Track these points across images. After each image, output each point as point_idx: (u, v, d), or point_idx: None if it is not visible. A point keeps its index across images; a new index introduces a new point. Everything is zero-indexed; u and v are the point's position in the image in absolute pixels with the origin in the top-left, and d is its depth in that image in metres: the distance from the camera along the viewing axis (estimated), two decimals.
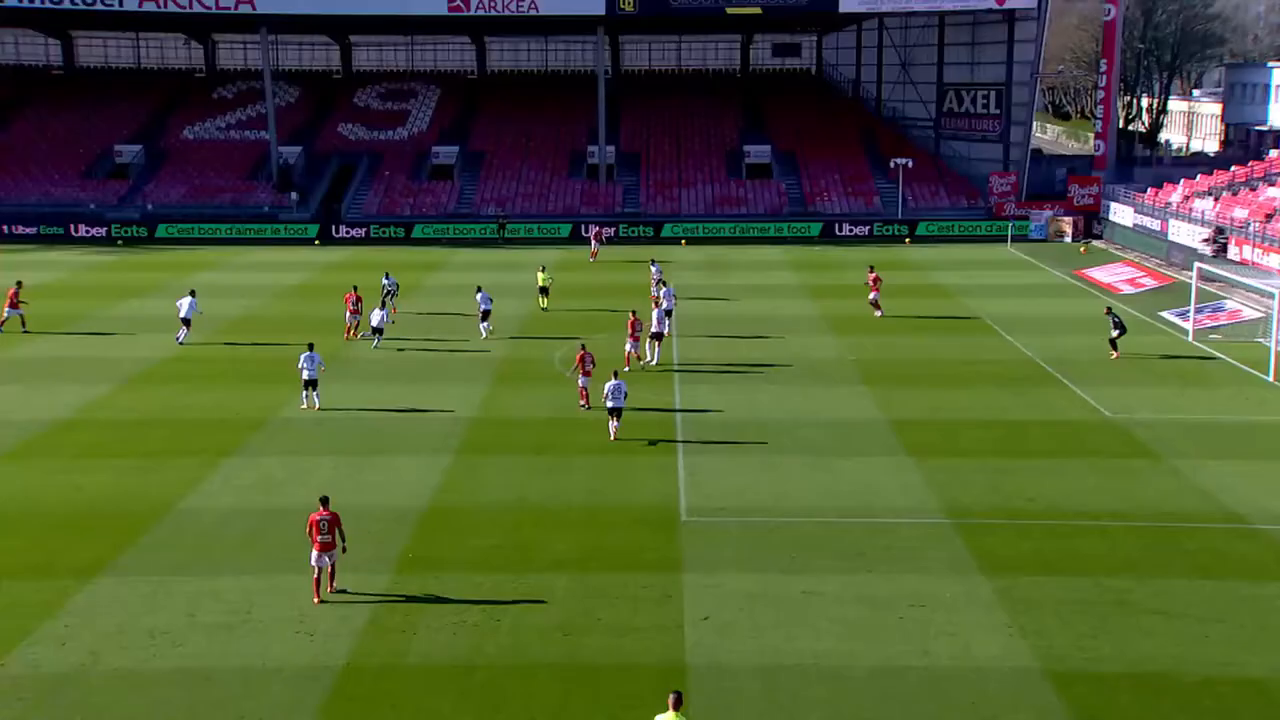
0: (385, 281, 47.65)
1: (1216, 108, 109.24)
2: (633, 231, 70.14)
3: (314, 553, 21.19)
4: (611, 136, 77.86)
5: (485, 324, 42.52)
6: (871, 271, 46.34)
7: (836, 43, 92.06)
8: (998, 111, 74.85)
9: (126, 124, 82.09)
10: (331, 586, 21.49)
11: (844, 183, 74.92)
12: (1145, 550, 22.84)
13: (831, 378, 36.85)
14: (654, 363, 38.08)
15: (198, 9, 70.60)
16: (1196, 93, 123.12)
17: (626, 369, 36.85)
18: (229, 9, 70.52)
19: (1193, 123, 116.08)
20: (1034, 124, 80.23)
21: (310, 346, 33.98)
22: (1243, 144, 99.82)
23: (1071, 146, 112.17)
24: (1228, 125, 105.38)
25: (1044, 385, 35.69)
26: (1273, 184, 59.38)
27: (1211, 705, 17.32)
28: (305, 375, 33.26)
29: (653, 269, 49.65)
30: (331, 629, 20.05)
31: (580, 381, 33.20)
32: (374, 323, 41.57)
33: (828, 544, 23.35)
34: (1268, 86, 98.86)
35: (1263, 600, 20.45)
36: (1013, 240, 66.60)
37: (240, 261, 61.97)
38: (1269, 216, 54.15)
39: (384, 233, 70.32)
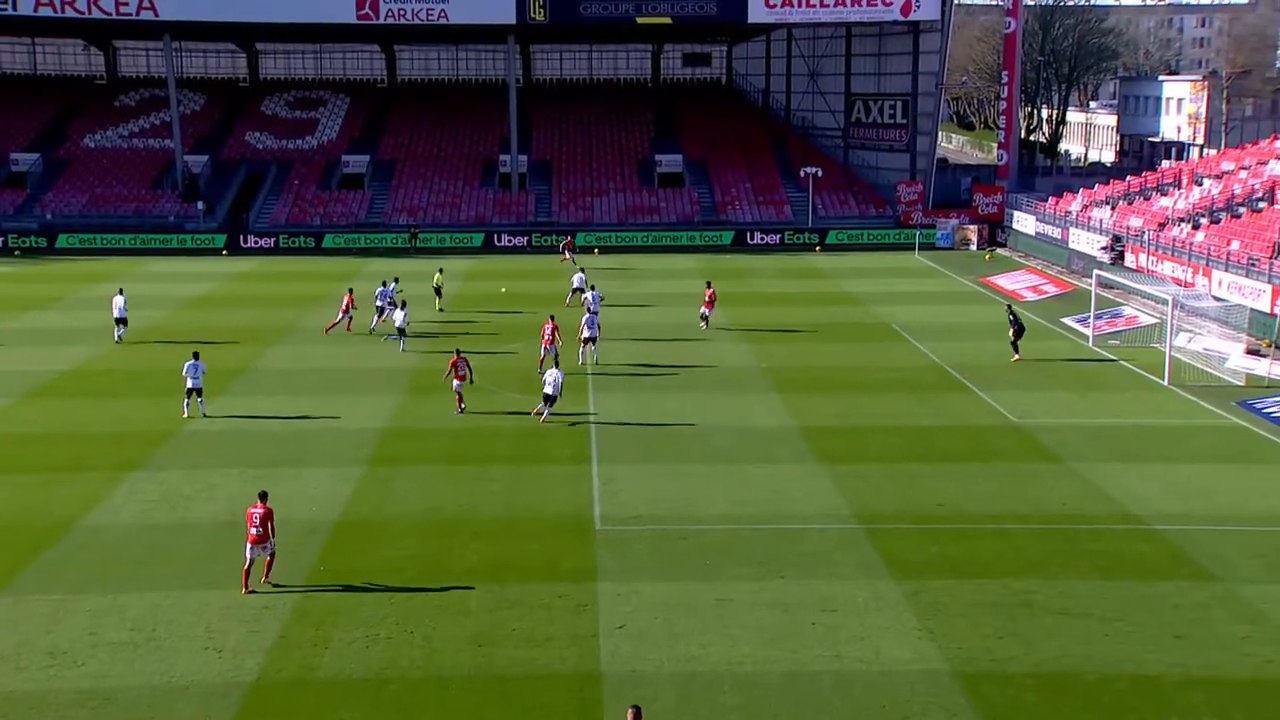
0: (381, 289, 46.97)
1: (1112, 119, 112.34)
2: (545, 240, 69.99)
3: (247, 545, 21.52)
4: (523, 146, 77.71)
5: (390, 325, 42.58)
6: (709, 287, 45.97)
7: (746, 52, 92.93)
8: (904, 121, 76.13)
9: (22, 132, 79.89)
10: (265, 577, 21.72)
11: (755, 191, 75.60)
12: (1049, 552, 23.34)
13: (743, 385, 37.09)
14: (584, 364, 38.33)
15: (97, 15, 69.00)
16: (1093, 104, 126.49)
17: (541, 369, 36.96)
18: (130, 15, 69.01)
19: (1090, 133, 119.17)
20: (939, 134, 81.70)
21: (195, 355, 33.59)
22: (1137, 154, 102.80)
23: (976, 156, 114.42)
24: (1123, 136, 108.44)
25: (951, 391, 36.32)
26: (1165, 194, 61.18)
27: (1110, 701, 17.76)
28: (189, 383, 32.95)
29: (574, 278, 50.20)
30: (240, 645, 19.68)
31: (455, 386, 33.60)
32: (398, 323, 41.84)
33: (741, 551, 23.50)
34: (1158, 99, 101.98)
35: (1158, 599, 21.02)
36: (920, 248, 67.75)
37: (145, 272, 60.63)
38: (1162, 225, 55.77)
39: (293, 243, 69.33)
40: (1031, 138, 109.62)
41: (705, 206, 74.24)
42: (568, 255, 61.84)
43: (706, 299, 45.23)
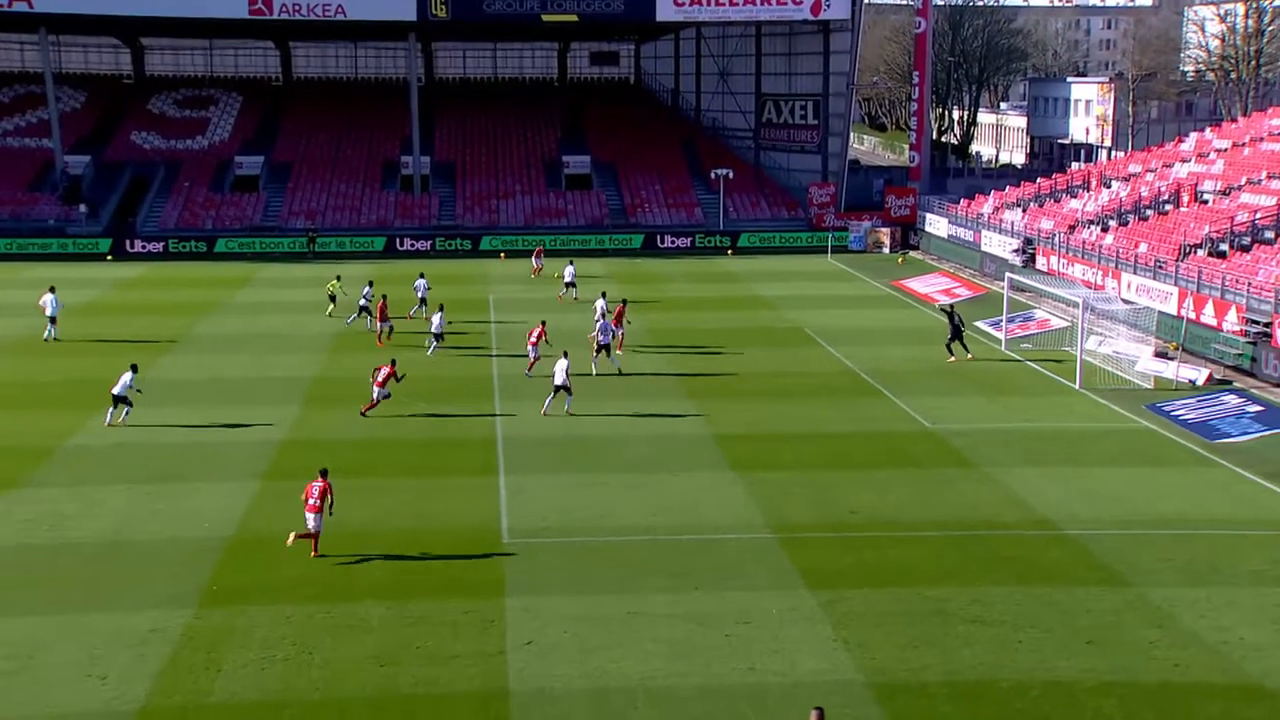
0: (366, 289, 47.30)
1: (1022, 121, 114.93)
2: (449, 245, 69.59)
3: (309, 515, 23.62)
4: (426, 147, 77.15)
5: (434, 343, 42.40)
6: (623, 304, 44.61)
7: (655, 51, 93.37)
8: (816, 122, 77.08)
9: None
10: (314, 553, 23.63)
11: (665, 194, 75.95)
12: (963, 559, 23.77)
13: (654, 392, 37.21)
14: (597, 372, 38.72)
15: None
16: (1004, 106, 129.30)
17: (529, 373, 38.53)
18: (3, 7, 67.07)
19: (1001, 135, 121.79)
20: (851, 135, 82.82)
21: (133, 367, 33.58)
22: (1047, 156, 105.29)
23: (888, 158, 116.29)
24: (1033, 138, 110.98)
25: (865, 396, 36.82)
26: (1075, 196, 62.73)
27: (1023, 709, 18.13)
28: (114, 390, 32.61)
29: (565, 271, 53.16)
30: (126, 670, 19.21)
31: (375, 394, 33.76)
32: (433, 328, 42.02)
33: (653, 562, 23.55)
34: (1067, 101, 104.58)
35: (1069, 604, 21.52)
36: (833, 251, 68.60)
37: (23, 279, 58.95)
38: (1072, 228, 57.18)
39: (184, 247, 68.00)
40: (943, 139, 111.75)
41: (614, 209, 74.37)
42: (538, 264, 61.82)
43: (616, 313, 42.71)
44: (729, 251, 69.66)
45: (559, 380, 34.12)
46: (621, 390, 37.53)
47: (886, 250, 69.76)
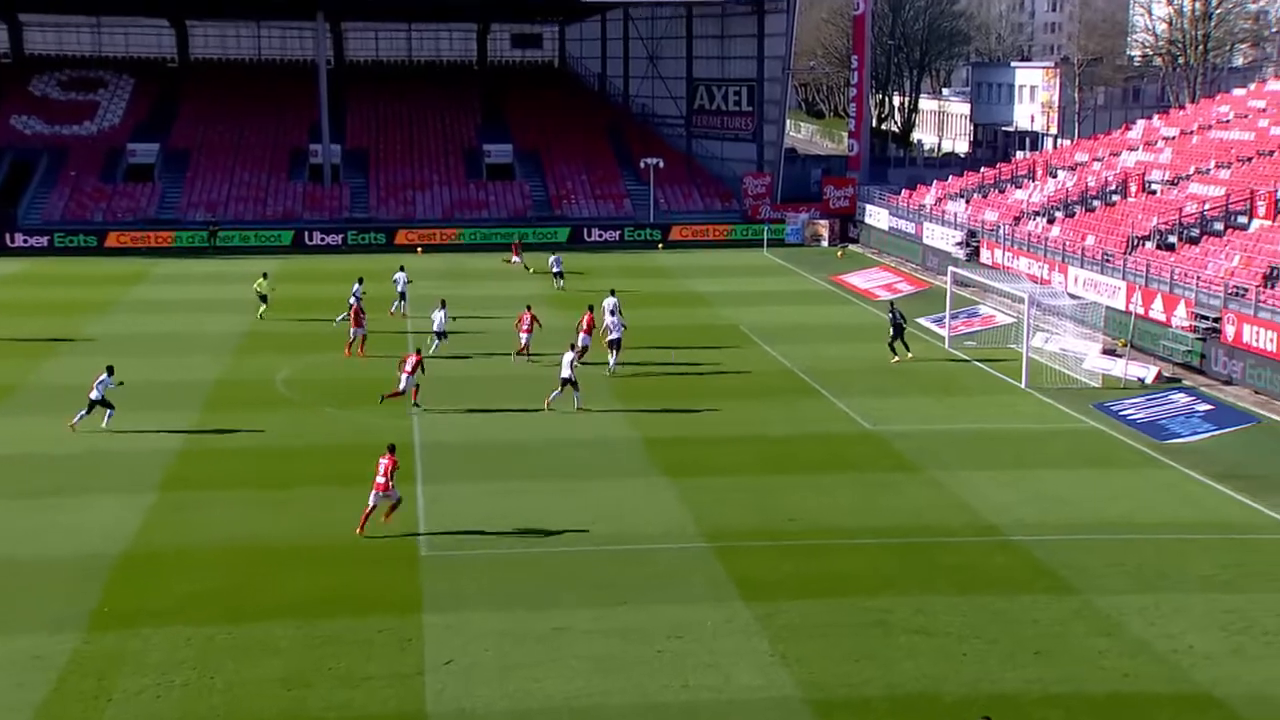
0: (356, 287, 46.94)
1: (965, 107, 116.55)
2: (363, 239, 69.05)
3: (372, 492, 25.35)
4: (336, 134, 76.41)
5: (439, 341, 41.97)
6: (528, 309, 44.78)
7: (580, 34, 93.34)
8: (750, 108, 77.54)
9: None
10: (386, 518, 25.69)
11: (592, 184, 75.97)
12: (905, 567, 24.05)
13: (582, 394, 37.17)
14: (614, 371, 38.98)
15: None
16: (946, 92, 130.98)
17: (516, 358, 40.27)
18: None
19: (943, 122, 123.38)
20: (787, 122, 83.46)
21: (109, 370, 32.98)
22: (991, 145, 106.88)
23: (826, 146, 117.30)
24: (976, 125, 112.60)
25: (804, 397, 37.12)
26: (1020, 186, 63.75)
27: None
28: (91, 395, 32.37)
29: (551, 261, 55.43)
30: (7, 701, 18.83)
31: (402, 382, 34.40)
32: (435, 327, 41.69)
33: (579, 575, 23.57)
34: (1011, 86, 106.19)
35: (1015, 613, 21.88)
36: (769, 245, 69.05)
37: None
38: (1017, 219, 58.09)
39: (71, 241, 66.77)
40: (883, 127, 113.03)
41: (538, 200, 74.27)
42: (516, 258, 61.45)
43: (522, 322, 41.94)
44: (659, 245, 69.84)
45: (565, 374, 34.99)
46: (545, 392, 37.43)
47: (825, 244, 70.35)
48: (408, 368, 34.90)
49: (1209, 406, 35.74)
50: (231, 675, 19.64)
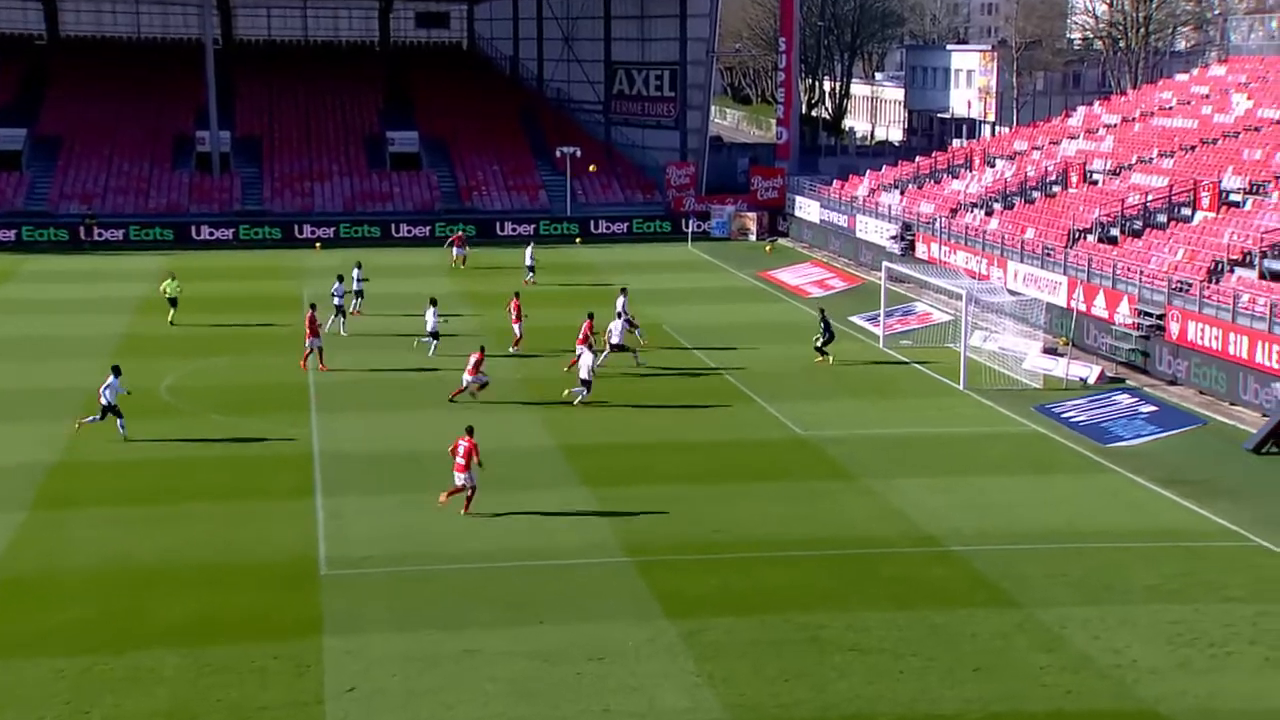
0: (338, 284, 46.76)
1: (899, 93, 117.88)
2: (256, 233, 68.24)
3: (457, 474, 27.25)
4: (225, 120, 75.40)
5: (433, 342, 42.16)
6: (516, 297, 45.06)
7: (490, 12, 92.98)
8: (672, 94, 77.78)
9: None
10: (466, 509, 27.33)
11: (504, 175, 75.78)
12: (839, 581, 24.26)
13: (494, 399, 37.07)
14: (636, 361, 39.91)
15: None
16: (879, 76, 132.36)
17: (513, 350, 42.14)
18: None
19: (876, 108, 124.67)
20: (712, 108, 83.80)
21: (116, 370, 32.62)
22: (926, 132, 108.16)
23: (754, 134, 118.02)
24: (911, 111, 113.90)
25: (731, 401, 37.29)
26: (956, 176, 64.59)
27: None
28: (103, 401, 32.12)
29: (525, 253, 57.02)
30: None
31: (465, 381, 35.67)
32: (429, 326, 42.07)
33: (493, 593, 23.50)
34: (947, 71, 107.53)
35: (954, 628, 22.16)
36: (693, 239, 69.30)
37: None
38: (954, 211, 58.86)
39: None
40: (814, 113, 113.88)
41: (447, 193, 73.91)
42: (457, 253, 60.83)
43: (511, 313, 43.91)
44: (577, 240, 69.80)
45: (585, 375, 36.20)
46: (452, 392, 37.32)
47: (753, 237, 70.76)
48: (470, 365, 35.87)
49: (1153, 408, 36.46)
50: (110, 709, 19.31)
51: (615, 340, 40.42)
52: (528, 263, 57.19)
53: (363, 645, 21.34)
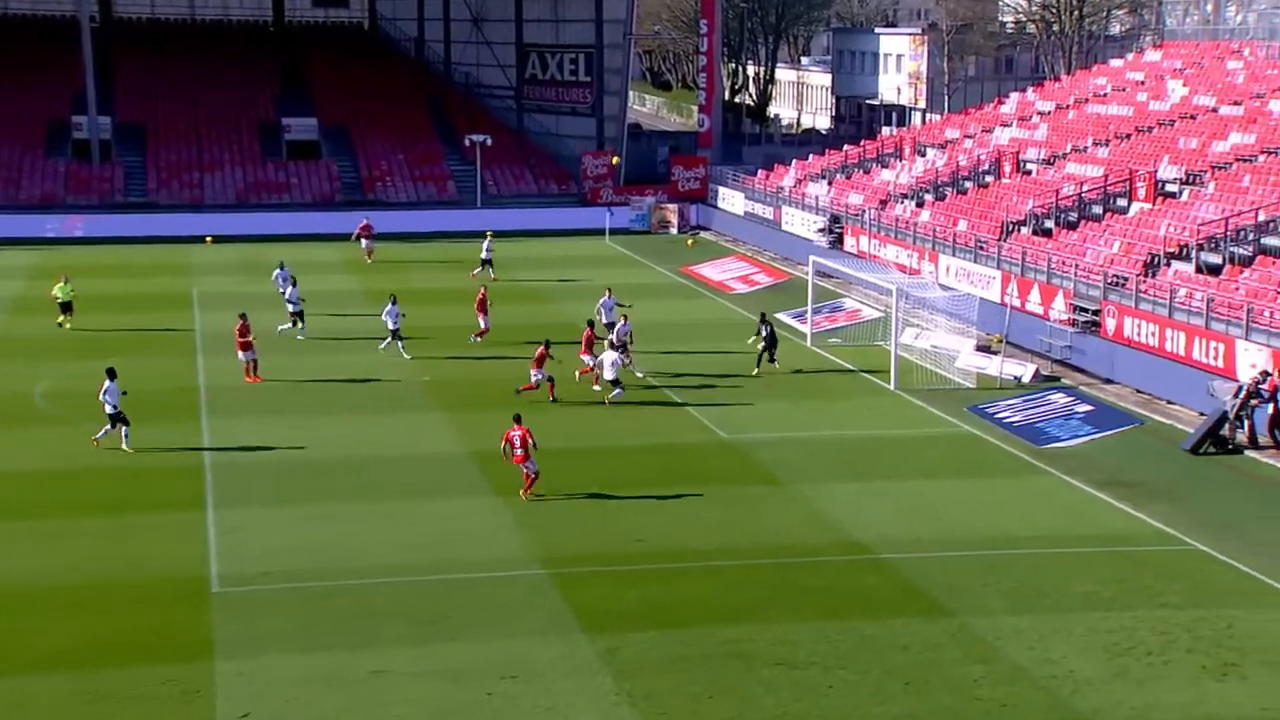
0: (280, 271, 47.92)
1: (826, 78, 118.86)
2: (141, 226, 67.29)
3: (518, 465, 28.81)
4: (105, 104, 74.33)
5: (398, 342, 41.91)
6: (484, 290, 45.78)
7: None
8: (588, 78, 77.85)
9: None
10: (526, 491, 28.87)
11: (410, 164, 75.44)
12: (766, 592, 24.44)
13: (401, 404, 36.99)
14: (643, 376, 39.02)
15: None
16: (805, 61, 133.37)
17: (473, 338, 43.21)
18: None
19: (803, 95, 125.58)
20: (630, 94, 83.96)
21: (111, 374, 32.00)
22: (855, 119, 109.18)
23: (674, 121, 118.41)
24: (838, 98, 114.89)
25: (652, 404, 37.42)
26: (886, 166, 65.30)
27: None
28: (107, 410, 31.76)
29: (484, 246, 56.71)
30: None
31: (533, 376, 36.52)
32: (390, 325, 41.87)
33: (401, 609, 23.42)
34: (876, 55, 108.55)
35: (885, 640, 22.42)
36: (611, 232, 69.35)
37: None
38: (883, 203, 59.50)
39: None
40: (737, 100, 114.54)
41: (349, 183, 73.46)
42: (365, 243, 60.22)
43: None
44: (489, 233, 69.48)
45: (609, 375, 36.65)
46: (360, 402, 37.09)
47: (674, 230, 71.01)
48: (536, 360, 36.86)
49: (1089, 407, 37.11)
50: None
51: (617, 338, 39.79)
52: (484, 256, 56.81)
53: (258, 668, 21.17)
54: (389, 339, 42.15)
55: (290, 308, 45.09)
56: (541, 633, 22.59)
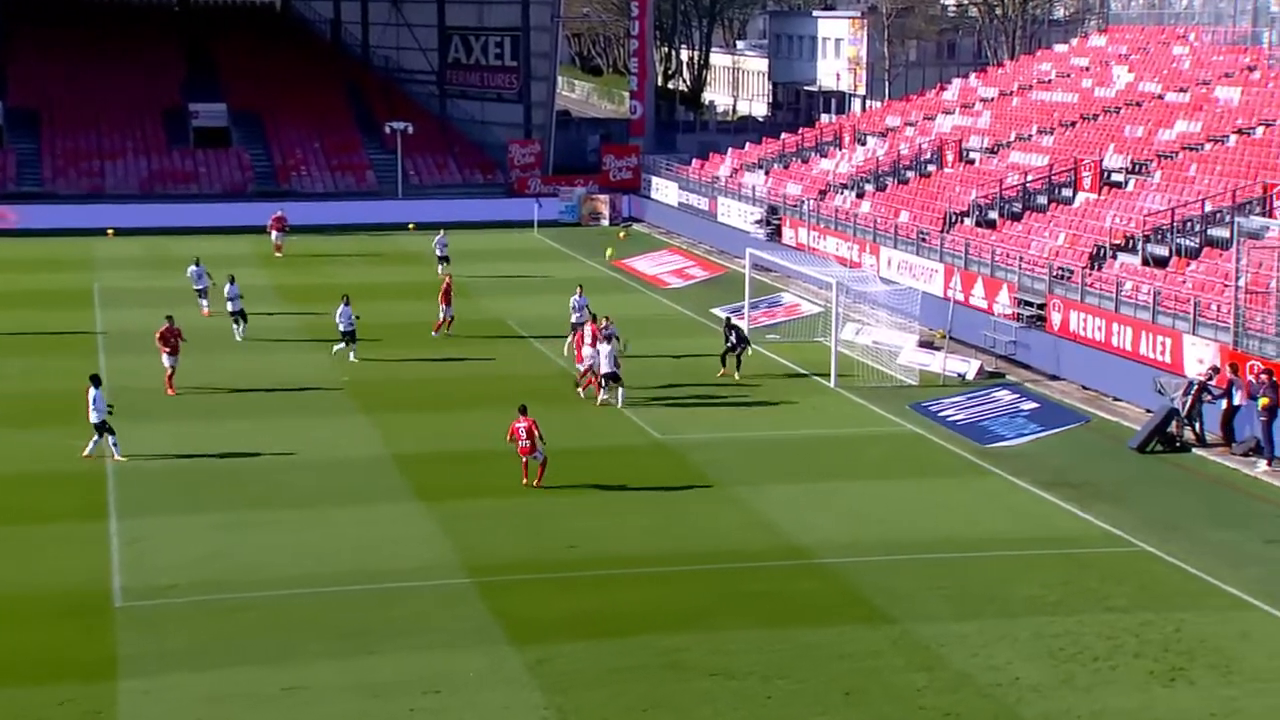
0: (196, 268, 47.55)
1: (763, 64, 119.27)
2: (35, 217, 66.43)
3: (523, 458, 29.72)
4: None
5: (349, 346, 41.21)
6: (449, 279, 45.31)
7: None
8: (514, 63, 77.68)
9: None
10: (539, 481, 29.77)
11: (326, 153, 75.00)
12: (702, 599, 24.49)
13: (317, 405, 36.81)
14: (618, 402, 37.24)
15: None
16: (741, 45, 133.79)
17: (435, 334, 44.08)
18: None
19: (739, 81, 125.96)
20: (559, 79, 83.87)
21: (95, 380, 31.54)
22: (793, 107, 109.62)
23: (605, 108, 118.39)
24: (776, 84, 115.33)
25: (583, 404, 37.43)
26: (825, 155, 65.66)
27: None
28: (93, 419, 31.18)
29: (436, 242, 56.45)
30: None
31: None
32: (342, 327, 41.02)
33: (318, 622, 23.27)
34: (814, 39, 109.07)
35: (825, 647, 22.53)
36: (540, 224, 69.30)
37: None
38: (823, 193, 59.82)
39: None
40: (670, 85, 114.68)
41: (261, 173, 72.90)
42: (275, 236, 59.47)
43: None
44: (410, 226, 69.23)
45: (606, 368, 36.04)
46: (274, 403, 36.82)
47: (605, 222, 71.05)
48: (588, 339, 37.55)
49: (1034, 405, 37.51)
50: None
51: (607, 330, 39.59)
52: (440, 253, 56.37)
53: (165, 685, 20.94)
54: (342, 342, 41.44)
55: (230, 306, 44.28)
56: (467, 645, 22.51)
